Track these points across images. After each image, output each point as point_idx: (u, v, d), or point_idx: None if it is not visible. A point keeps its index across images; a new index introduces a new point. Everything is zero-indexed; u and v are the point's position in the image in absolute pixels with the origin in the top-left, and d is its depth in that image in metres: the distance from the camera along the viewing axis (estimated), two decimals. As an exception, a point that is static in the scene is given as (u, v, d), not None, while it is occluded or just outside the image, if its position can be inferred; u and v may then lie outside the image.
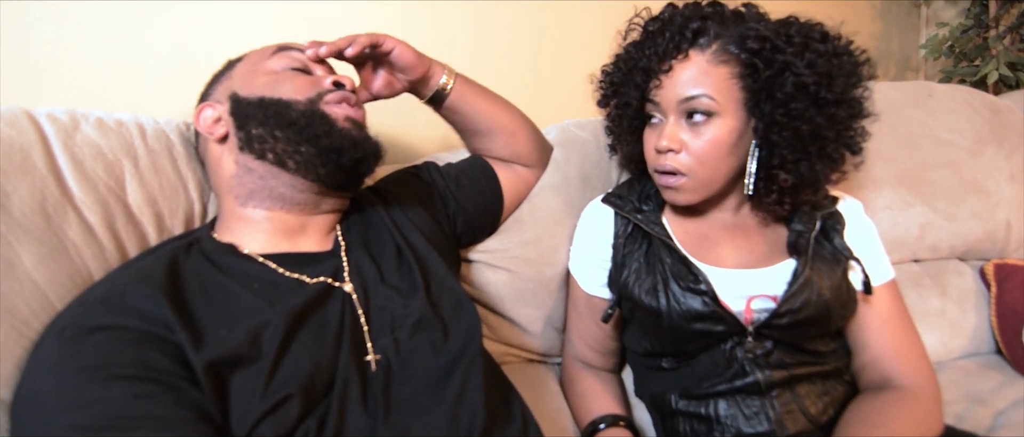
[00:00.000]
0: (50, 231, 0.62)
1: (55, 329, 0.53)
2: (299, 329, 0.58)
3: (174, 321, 0.53)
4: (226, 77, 0.71)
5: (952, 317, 1.07)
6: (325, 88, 0.68)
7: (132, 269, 0.59)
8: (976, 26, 1.64)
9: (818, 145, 0.72)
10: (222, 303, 0.58)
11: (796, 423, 0.73)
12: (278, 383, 0.54)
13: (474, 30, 1.21)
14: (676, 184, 0.74)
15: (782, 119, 0.70)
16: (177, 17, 0.96)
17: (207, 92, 0.73)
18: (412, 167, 0.90)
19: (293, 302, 0.59)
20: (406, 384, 0.61)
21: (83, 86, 0.91)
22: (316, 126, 0.65)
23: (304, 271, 0.65)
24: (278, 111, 0.65)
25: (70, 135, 0.69)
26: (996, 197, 1.12)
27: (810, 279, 0.74)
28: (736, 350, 0.75)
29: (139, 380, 0.49)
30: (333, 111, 0.67)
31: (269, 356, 0.54)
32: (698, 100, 0.71)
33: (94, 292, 0.56)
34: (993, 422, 0.87)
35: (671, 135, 0.73)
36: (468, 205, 0.87)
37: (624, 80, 0.78)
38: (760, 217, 0.81)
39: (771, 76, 0.69)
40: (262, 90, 0.67)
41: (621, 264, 0.81)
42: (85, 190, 0.66)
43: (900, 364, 0.76)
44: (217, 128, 0.68)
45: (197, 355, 0.52)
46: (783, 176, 0.73)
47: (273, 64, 0.70)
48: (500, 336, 0.97)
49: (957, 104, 1.16)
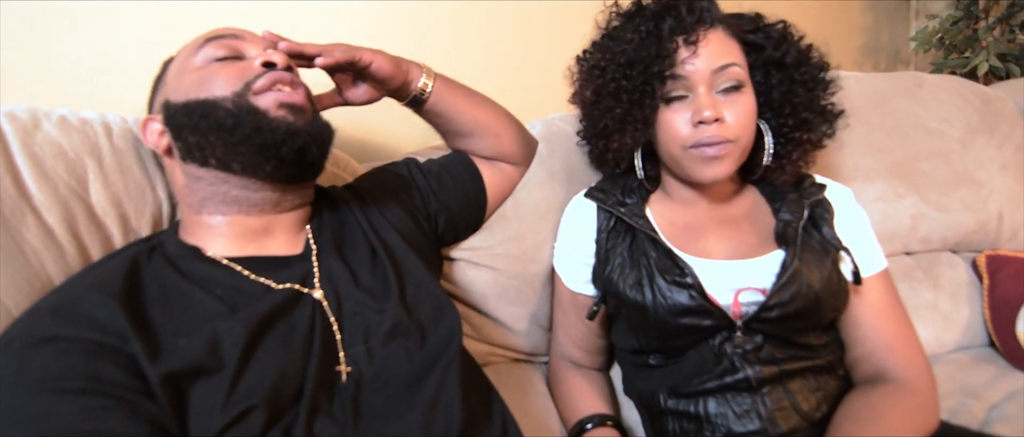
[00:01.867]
0: (6, 234, 0.59)
1: (3, 341, 0.51)
2: (263, 337, 0.56)
3: (129, 331, 0.50)
4: (162, 82, 0.67)
5: (945, 310, 1.06)
6: (252, 75, 0.62)
7: (89, 276, 0.57)
8: (966, 18, 1.64)
9: (797, 113, 0.77)
10: (182, 310, 0.55)
11: (788, 420, 0.71)
12: (241, 394, 0.51)
13: (456, 23, 1.20)
14: (723, 153, 0.72)
15: (778, 95, 0.77)
16: (146, 13, 0.94)
17: (151, 101, 0.69)
18: (391, 164, 0.88)
19: (257, 309, 0.57)
20: (379, 392, 0.59)
21: (48, 85, 0.89)
22: (246, 123, 0.60)
23: (271, 276, 0.62)
24: (205, 113, 0.60)
25: (29, 134, 0.66)
26: (988, 187, 1.11)
27: (799, 270, 0.72)
28: (725, 345, 0.73)
29: (90, 394, 0.47)
30: (262, 102, 0.61)
31: (230, 366, 0.52)
32: (732, 69, 0.72)
33: (46, 302, 0.54)
34: (987, 416, 0.86)
35: (714, 104, 0.71)
36: (451, 203, 0.85)
37: (635, 61, 0.74)
38: (748, 205, 0.80)
39: (770, 54, 0.76)
40: (189, 92, 0.62)
41: (605, 259, 0.79)
42: (44, 191, 0.64)
43: (895, 357, 0.74)
44: (161, 141, 0.65)
45: (153, 367, 0.49)
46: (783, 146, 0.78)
47: (199, 59, 0.64)
48: (484, 336, 0.95)
49: (948, 94, 1.15)
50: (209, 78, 0.62)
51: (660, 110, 0.75)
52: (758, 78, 0.77)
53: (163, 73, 0.68)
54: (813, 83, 0.78)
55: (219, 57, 0.64)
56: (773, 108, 0.78)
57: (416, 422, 0.57)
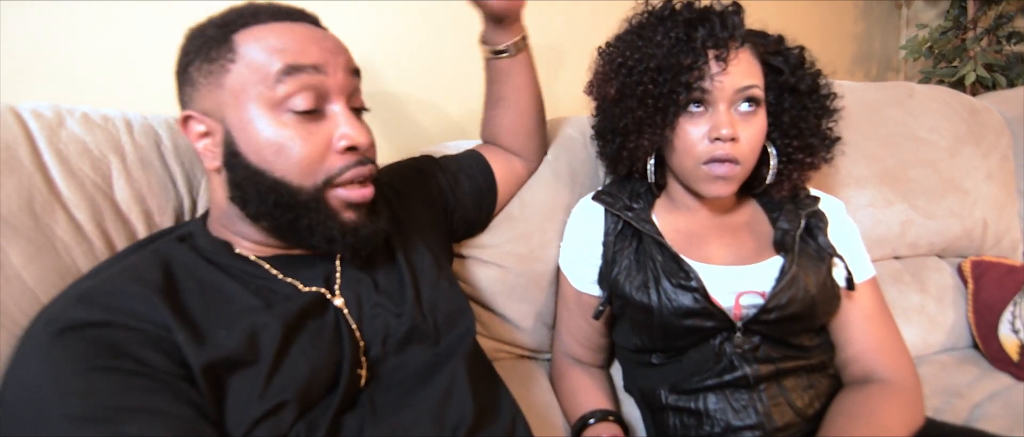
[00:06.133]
0: (38, 229, 0.61)
1: (43, 320, 0.50)
2: (297, 335, 0.57)
3: (172, 321, 0.51)
4: (213, 80, 0.58)
5: (931, 313, 1.09)
6: (335, 169, 0.58)
7: (124, 266, 0.57)
8: (955, 28, 1.67)
9: (803, 138, 0.80)
10: (219, 303, 0.56)
11: (783, 416, 0.75)
12: (276, 387, 0.53)
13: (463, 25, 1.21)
14: (731, 174, 0.74)
15: (788, 119, 0.79)
16: (165, 10, 0.95)
17: (185, 85, 0.60)
18: (413, 161, 0.88)
19: (289, 307, 0.58)
20: (393, 389, 0.61)
21: (69, 81, 0.90)
22: (313, 215, 0.58)
23: (298, 275, 0.63)
24: (277, 192, 0.57)
25: (55, 132, 0.68)
26: (974, 195, 1.15)
27: (797, 275, 0.75)
28: (725, 345, 0.76)
29: (135, 374, 0.47)
30: (334, 200, 0.59)
31: (268, 360, 0.53)
32: (754, 89, 0.74)
33: (83, 287, 0.54)
34: (970, 414, 0.90)
35: (732, 123, 0.73)
36: (466, 201, 0.87)
37: (665, 67, 0.74)
38: (748, 215, 0.83)
39: (787, 79, 0.78)
40: (264, 155, 0.57)
41: (611, 261, 0.82)
42: (72, 188, 0.65)
43: (882, 358, 0.78)
44: (206, 153, 0.60)
45: (196, 356, 0.50)
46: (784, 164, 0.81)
47: (279, 95, 0.56)
48: (492, 332, 0.98)
49: (937, 104, 1.19)
50: (289, 148, 0.57)
51: (679, 119, 0.76)
52: (770, 99, 0.79)
53: (209, 61, 0.58)
54: (821, 111, 0.81)
55: (301, 110, 0.57)
56: (781, 130, 0.80)
57: (429, 415, 0.59)
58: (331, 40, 0.61)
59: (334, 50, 0.60)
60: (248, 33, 0.58)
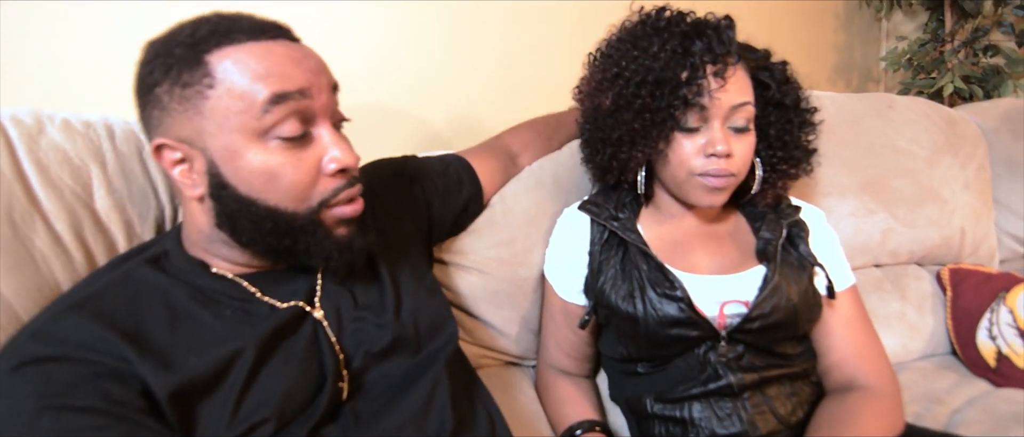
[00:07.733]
0: (17, 241, 0.60)
1: (2, 356, 0.50)
2: (271, 355, 0.56)
3: (131, 352, 0.50)
4: (189, 107, 0.54)
5: (911, 320, 1.11)
6: (327, 192, 0.58)
7: (87, 295, 0.55)
8: (933, 40, 1.70)
9: (788, 150, 0.82)
10: (190, 328, 0.55)
11: (767, 424, 0.76)
12: (249, 408, 0.52)
13: (447, 29, 1.21)
14: (725, 185, 0.75)
15: (774, 132, 0.81)
16: (147, 13, 0.94)
17: (151, 108, 0.56)
18: (395, 162, 0.87)
19: (264, 328, 0.57)
20: (377, 399, 0.61)
21: (50, 85, 0.88)
22: (308, 236, 0.58)
23: (277, 292, 0.61)
24: (274, 220, 0.56)
25: (35, 139, 0.67)
26: (952, 205, 1.17)
27: (779, 285, 0.76)
28: (709, 354, 0.77)
29: (89, 412, 0.47)
30: (329, 218, 0.59)
31: (238, 384, 0.53)
32: (747, 108, 0.75)
33: (37, 324, 0.53)
34: (949, 420, 0.91)
35: (727, 139, 0.74)
36: (452, 204, 0.87)
37: (663, 81, 0.73)
38: (732, 224, 0.84)
39: (773, 94, 0.80)
40: (254, 186, 0.55)
41: (597, 271, 0.82)
42: (52, 198, 0.64)
43: (863, 365, 0.79)
44: (185, 180, 0.57)
45: (162, 383, 0.50)
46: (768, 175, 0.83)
47: (266, 124, 0.54)
48: (476, 339, 0.97)
49: (916, 115, 1.20)
50: (279, 177, 0.55)
51: (674, 133, 0.75)
52: (757, 112, 0.79)
53: (183, 85, 0.54)
54: (803, 125, 0.83)
55: (288, 137, 0.55)
56: (767, 142, 0.82)
57: (410, 424, 0.59)
58: (313, 58, 0.59)
59: (317, 70, 0.58)
60: (223, 54, 0.54)
